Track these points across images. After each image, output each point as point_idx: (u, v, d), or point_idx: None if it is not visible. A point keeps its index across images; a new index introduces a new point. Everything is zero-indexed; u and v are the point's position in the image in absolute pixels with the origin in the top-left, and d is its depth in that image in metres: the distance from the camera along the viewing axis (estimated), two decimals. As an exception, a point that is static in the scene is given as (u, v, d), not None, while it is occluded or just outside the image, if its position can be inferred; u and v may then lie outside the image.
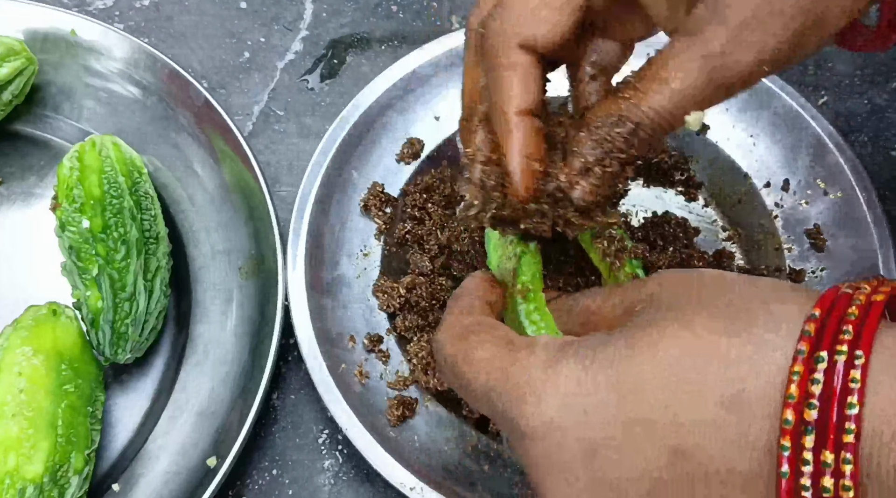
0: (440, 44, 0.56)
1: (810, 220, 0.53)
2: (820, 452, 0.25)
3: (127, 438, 0.49)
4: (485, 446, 0.48)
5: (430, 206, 0.53)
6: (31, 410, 0.43)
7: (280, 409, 0.51)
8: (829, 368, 0.25)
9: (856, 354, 0.25)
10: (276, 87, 0.61)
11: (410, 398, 0.48)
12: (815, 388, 0.25)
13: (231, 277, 0.52)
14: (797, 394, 0.25)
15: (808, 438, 0.25)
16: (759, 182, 0.55)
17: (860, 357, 0.25)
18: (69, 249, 0.49)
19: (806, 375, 0.25)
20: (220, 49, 0.62)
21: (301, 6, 0.64)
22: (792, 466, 0.25)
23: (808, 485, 0.25)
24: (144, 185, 0.52)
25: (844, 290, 0.28)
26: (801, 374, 0.25)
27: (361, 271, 0.52)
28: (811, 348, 0.26)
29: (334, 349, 0.49)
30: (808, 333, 0.26)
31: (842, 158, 0.53)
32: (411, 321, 0.50)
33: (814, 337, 0.26)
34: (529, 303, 0.37)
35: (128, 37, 0.56)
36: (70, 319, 0.48)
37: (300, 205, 0.51)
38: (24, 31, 0.56)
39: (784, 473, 0.25)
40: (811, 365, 0.25)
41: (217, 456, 0.46)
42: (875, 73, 0.62)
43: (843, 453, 0.24)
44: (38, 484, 0.42)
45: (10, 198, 0.55)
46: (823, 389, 0.25)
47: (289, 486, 0.49)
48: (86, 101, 0.57)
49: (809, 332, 0.26)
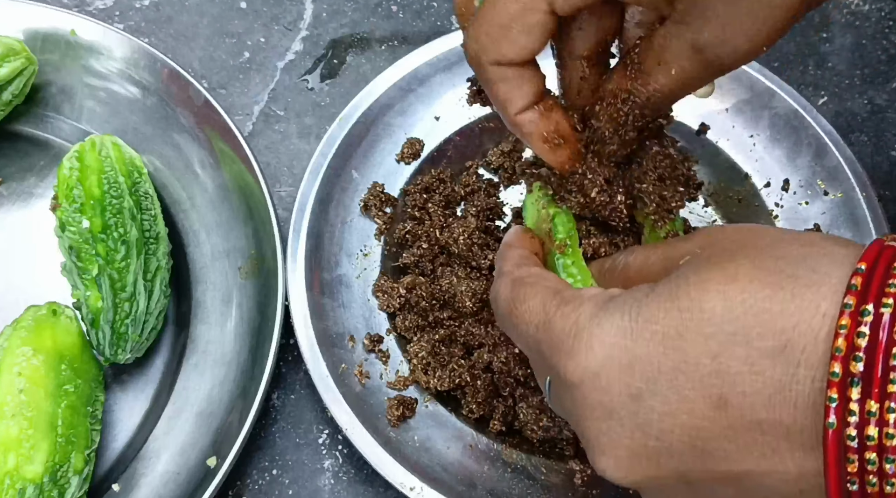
0: (440, 44, 0.56)
1: (810, 220, 0.53)
2: (865, 403, 0.25)
3: (127, 438, 0.49)
4: (485, 446, 0.48)
5: (430, 206, 0.53)
6: (30, 410, 0.43)
7: (280, 409, 0.51)
8: (874, 321, 0.25)
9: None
10: (276, 87, 0.61)
11: (410, 398, 0.48)
12: (861, 341, 0.25)
13: (231, 277, 0.52)
14: (844, 347, 0.26)
15: (853, 390, 0.25)
16: (760, 182, 0.55)
17: None
18: (69, 249, 0.49)
19: (853, 328, 0.26)
20: (220, 49, 0.62)
21: (301, 6, 0.64)
22: (839, 416, 0.25)
23: (854, 435, 0.25)
24: (144, 185, 0.52)
25: (889, 242, 0.28)
26: (848, 327, 0.26)
27: (361, 271, 0.52)
28: (857, 302, 0.26)
29: (334, 349, 0.49)
30: (855, 287, 0.26)
31: (842, 158, 0.53)
32: (411, 321, 0.50)
33: (860, 290, 0.26)
34: (567, 258, 0.39)
35: (128, 37, 0.56)
36: (70, 319, 0.48)
37: (300, 205, 0.51)
38: (24, 31, 0.56)
39: (831, 424, 0.26)
40: (857, 318, 0.26)
41: (217, 456, 0.46)
42: (875, 73, 0.62)
43: (887, 403, 0.25)
44: (38, 484, 0.42)
45: (10, 198, 0.55)
46: (869, 342, 0.25)
47: (289, 486, 0.49)
48: (86, 101, 0.57)
49: (856, 286, 0.26)
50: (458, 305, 0.49)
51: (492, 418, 0.48)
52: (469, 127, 0.56)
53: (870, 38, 0.63)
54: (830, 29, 0.63)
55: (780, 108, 0.55)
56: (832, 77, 0.62)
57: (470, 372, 0.48)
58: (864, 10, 0.64)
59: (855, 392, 0.25)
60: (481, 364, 0.48)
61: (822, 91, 0.61)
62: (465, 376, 0.48)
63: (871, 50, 0.63)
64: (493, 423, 0.48)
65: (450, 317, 0.50)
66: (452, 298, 0.50)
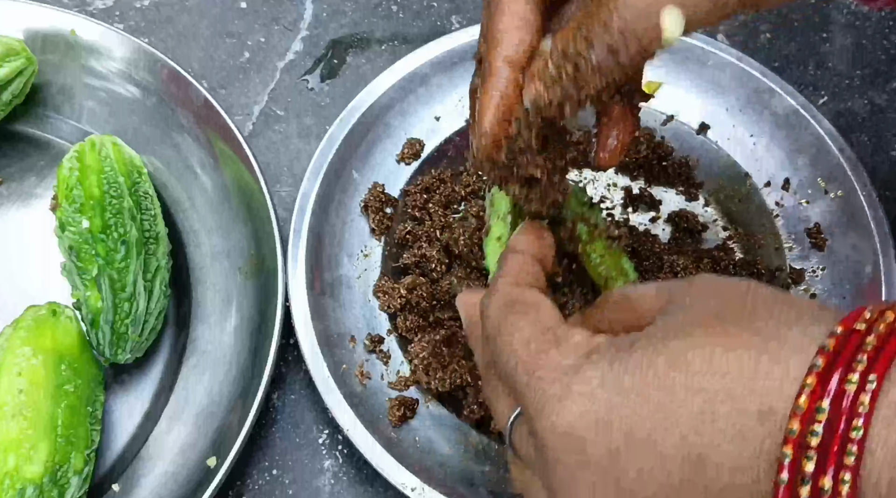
0: (440, 44, 0.56)
1: (811, 220, 0.53)
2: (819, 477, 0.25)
3: (127, 438, 0.49)
4: (485, 446, 0.48)
5: (431, 207, 0.53)
6: (30, 410, 0.43)
7: (280, 409, 0.51)
8: (838, 388, 0.25)
9: (868, 378, 0.25)
10: (276, 87, 0.61)
11: (411, 399, 0.48)
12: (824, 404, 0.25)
13: (231, 277, 0.52)
14: (805, 406, 0.25)
15: (808, 463, 0.25)
16: (760, 181, 0.55)
17: (872, 382, 0.25)
18: (69, 249, 0.49)
19: (818, 389, 0.25)
20: (220, 49, 0.62)
21: (301, 6, 0.64)
22: (791, 475, 0.25)
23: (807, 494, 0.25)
24: (144, 185, 0.52)
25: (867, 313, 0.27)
26: (813, 387, 0.25)
27: (362, 272, 0.52)
28: (826, 364, 0.26)
29: (335, 350, 0.49)
30: (827, 348, 0.26)
31: (842, 158, 0.53)
32: (412, 322, 0.50)
33: (831, 353, 0.26)
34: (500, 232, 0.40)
35: (128, 37, 0.56)
36: (70, 319, 0.48)
37: (300, 205, 0.51)
38: (24, 31, 0.56)
39: (782, 480, 0.25)
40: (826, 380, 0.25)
41: (217, 456, 0.46)
42: (875, 74, 0.62)
43: (842, 474, 0.25)
44: (37, 484, 0.42)
45: (10, 198, 0.55)
46: (831, 409, 0.25)
47: (289, 486, 0.49)
48: (86, 102, 0.57)
49: (828, 347, 0.26)
50: (458, 305, 0.50)
51: (493, 419, 0.48)
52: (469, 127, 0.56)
53: (870, 38, 0.63)
54: (830, 29, 0.63)
55: (780, 108, 0.55)
56: (832, 77, 0.62)
57: (471, 372, 0.48)
58: (864, 10, 0.64)
59: (809, 465, 0.25)
60: (482, 364, 0.48)
61: (822, 91, 0.61)
62: (466, 377, 0.48)
63: (871, 50, 0.63)
64: (494, 423, 0.48)
65: (451, 317, 0.50)
66: (453, 298, 0.50)
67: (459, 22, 0.63)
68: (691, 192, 0.56)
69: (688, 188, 0.56)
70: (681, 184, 0.56)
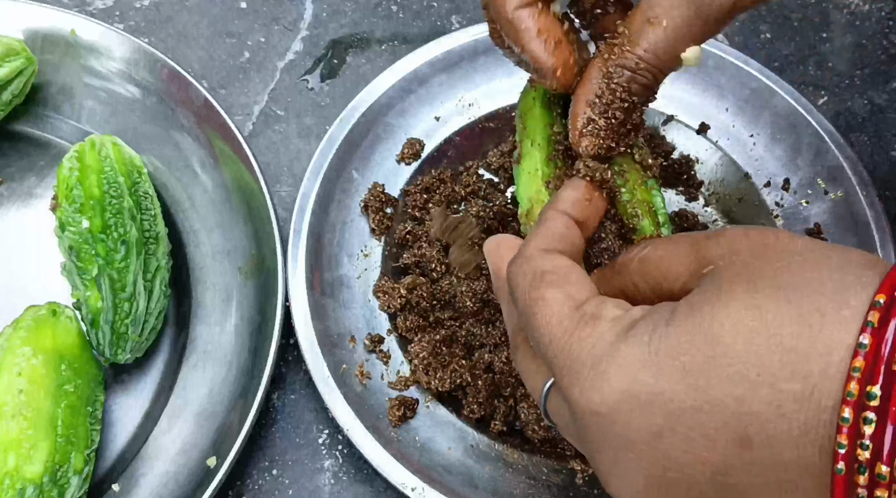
0: (440, 44, 0.56)
1: (811, 220, 0.53)
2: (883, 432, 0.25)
3: (127, 438, 0.49)
4: (485, 446, 0.48)
5: (431, 207, 0.53)
6: (30, 410, 0.43)
7: (280, 409, 0.51)
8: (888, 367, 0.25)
9: None
10: (276, 87, 0.61)
11: (411, 399, 0.48)
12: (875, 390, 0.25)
13: (231, 277, 0.52)
14: (862, 367, 0.25)
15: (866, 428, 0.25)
16: (760, 181, 0.55)
17: None
18: (69, 249, 0.49)
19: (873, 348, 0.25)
20: (220, 49, 0.62)
21: (301, 6, 0.64)
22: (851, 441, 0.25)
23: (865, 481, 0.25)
24: (144, 185, 0.52)
25: None
26: (861, 369, 0.25)
27: (362, 272, 0.52)
28: (873, 342, 0.26)
29: (335, 349, 0.49)
30: (871, 325, 0.26)
31: (842, 158, 0.53)
32: (412, 322, 0.50)
33: (876, 328, 0.26)
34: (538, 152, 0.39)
35: (128, 37, 0.56)
36: (70, 319, 0.48)
37: (300, 205, 0.51)
38: (24, 31, 0.56)
39: (839, 470, 0.25)
40: (871, 360, 0.25)
41: (217, 456, 0.46)
42: (875, 73, 0.62)
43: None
44: (37, 484, 0.42)
45: (10, 198, 0.55)
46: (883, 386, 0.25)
47: (289, 486, 0.49)
48: (86, 101, 0.57)
49: (872, 322, 0.26)
50: (458, 305, 0.50)
51: (493, 419, 0.48)
52: (469, 127, 0.56)
53: (870, 38, 0.63)
54: (830, 29, 0.63)
55: (780, 107, 0.55)
56: (832, 77, 0.62)
57: (471, 372, 0.48)
58: (864, 10, 0.64)
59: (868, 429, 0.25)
60: (482, 364, 0.48)
61: (822, 91, 0.61)
62: (466, 376, 0.48)
63: (871, 50, 0.63)
64: (495, 423, 0.48)
65: (451, 317, 0.50)
66: (453, 298, 0.50)
67: (459, 22, 0.63)
68: (691, 192, 0.56)
69: (688, 188, 0.56)
70: (681, 184, 0.56)
